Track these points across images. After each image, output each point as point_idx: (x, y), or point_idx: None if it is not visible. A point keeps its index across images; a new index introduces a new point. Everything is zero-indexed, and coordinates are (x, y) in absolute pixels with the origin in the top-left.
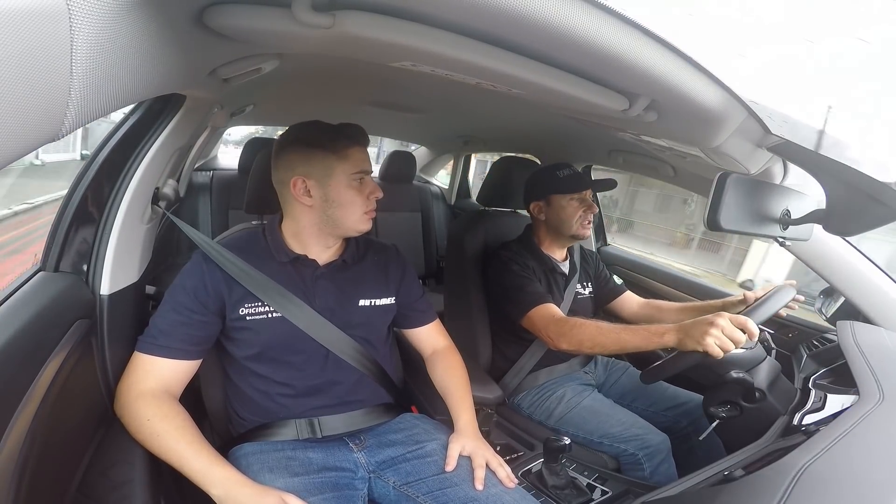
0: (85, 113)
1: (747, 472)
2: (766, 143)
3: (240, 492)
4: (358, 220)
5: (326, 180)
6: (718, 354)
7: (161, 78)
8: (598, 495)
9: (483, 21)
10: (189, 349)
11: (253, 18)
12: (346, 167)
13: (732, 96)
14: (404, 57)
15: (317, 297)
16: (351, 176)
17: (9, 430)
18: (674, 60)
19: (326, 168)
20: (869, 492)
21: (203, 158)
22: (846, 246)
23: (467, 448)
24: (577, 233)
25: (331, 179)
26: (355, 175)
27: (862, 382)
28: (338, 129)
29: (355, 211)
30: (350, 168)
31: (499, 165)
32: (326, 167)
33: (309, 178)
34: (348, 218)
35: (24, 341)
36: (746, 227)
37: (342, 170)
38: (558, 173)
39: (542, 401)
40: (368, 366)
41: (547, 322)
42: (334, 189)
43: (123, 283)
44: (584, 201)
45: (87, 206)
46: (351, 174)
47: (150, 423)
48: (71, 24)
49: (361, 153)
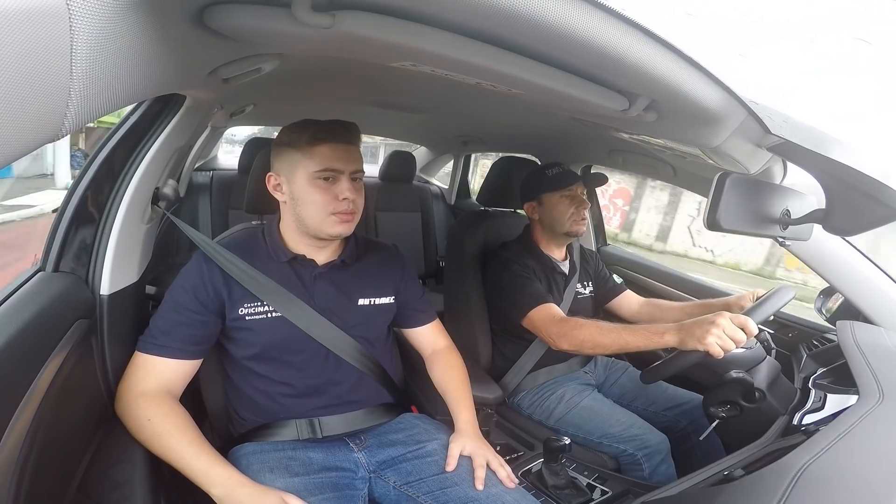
0: (85, 113)
1: (747, 472)
2: (766, 143)
3: (240, 492)
4: (322, 221)
5: (291, 176)
6: (719, 354)
7: (161, 78)
8: (598, 495)
9: (483, 21)
10: (189, 349)
11: (253, 18)
12: (309, 164)
13: (732, 96)
14: (404, 57)
15: (316, 297)
16: (314, 173)
17: (9, 430)
18: (674, 60)
19: (291, 164)
20: (869, 492)
21: (203, 158)
22: (846, 246)
23: (467, 448)
24: (571, 230)
25: (295, 176)
26: (320, 173)
27: (862, 382)
28: (307, 124)
29: (318, 210)
30: (314, 165)
31: (499, 165)
32: (291, 163)
33: (279, 174)
34: (312, 218)
35: (24, 341)
36: (746, 227)
37: (305, 166)
38: (547, 172)
39: (541, 401)
40: (369, 365)
41: (548, 322)
42: (297, 186)
43: (123, 283)
44: (574, 198)
45: (87, 206)
46: (314, 171)
47: (151, 423)
48: (71, 24)
49: (333, 151)
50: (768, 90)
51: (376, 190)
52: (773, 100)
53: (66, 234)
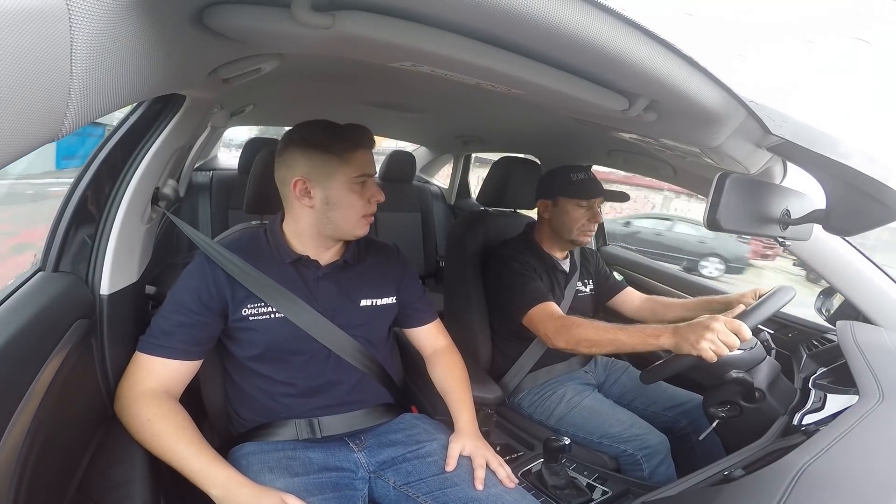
0: (85, 113)
1: (747, 472)
2: (766, 143)
3: (239, 492)
4: (355, 224)
5: (327, 182)
6: (712, 359)
7: (161, 78)
8: (598, 495)
9: (483, 21)
10: (190, 349)
11: (253, 18)
12: (349, 170)
13: (732, 96)
14: (404, 57)
15: (319, 298)
16: (353, 179)
17: (9, 430)
18: (673, 60)
19: (328, 170)
20: (869, 492)
21: (203, 158)
22: (846, 246)
23: (467, 448)
24: (576, 238)
25: (332, 182)
26: (357, 178)
27: (862, 382)
28: (342, 130)
29: (354, 214)
30: (352, 171)
31: (499, 165)
32: (328, 169)
33: (310, 179)
34: (346, 221)
35: (24, 341)
36: (746, 227)
37: (344, 172)
38: (571, 176)
39: (541, 400)
40: (370, 365)
41: (545, 320)
42: (335, 191)
43: (123, 283)
44: (590, 209)
45: (87, 205)
46: (353, 177)
47: (150, 424)
48: (71, 25)
49: (365, 156)
50: (768, 90)
51: None
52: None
53: (65, 234)
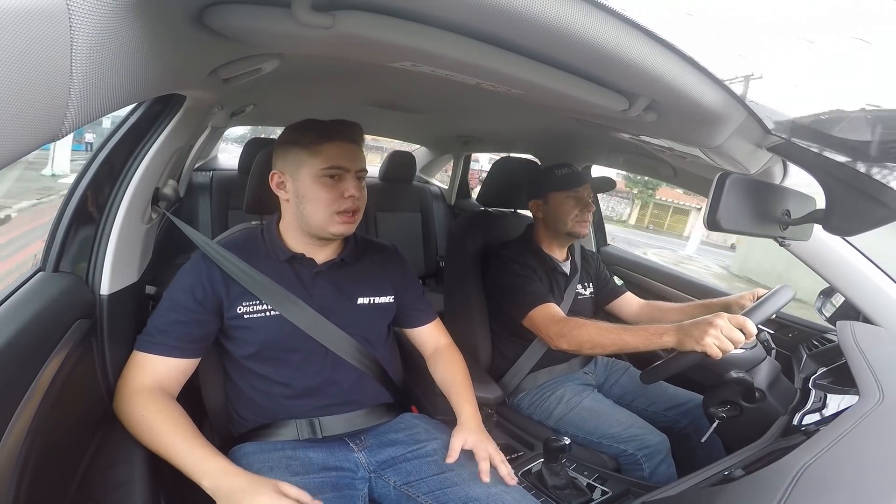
0: (85, 113)
1: (747, 472)
2: (766, 143)
3: (231, 482)
4: (327, 220)
5: (297, 174)
6: (717, 355)
7: (161, 78)
8: (598, 495)
9: (483, 21)
10: (184, 347)
11: (253, 18)
12: (316, 162)
13: (732, 96)
14: (404, 57)
15: (315, 296)
16: (321, 171)
17: (9, 430)
18: (673, 60)
19: (297, 162)
20: (869, 492)
21: (203, 158)
22: (846, 246)
23: (469, 442)
24: (573, 230)
25: (300, 174)
26: (326, 170)
27: (862, 382)
28: (316, 124)
29: (323, 209)
30: (320, 163)
31: (499, 165)
32: (297, 161)
33: (283, 172)
34: (315, 216)
35: (24, 341)
36: (746, 228)
37: (311, 164)
38: (556, 171)
39: (541, 401)
40: (368, 365)
41: (548, 321)
42: (303, 183)
43: (123, 283)
44: (580, 199)
45: (87, 206)
46: (321, 168)
47: (145, 419)
48: (71, 24)
49: (337, 148)
50: (768, 90)
51: (376, 190)
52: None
53: (66, 234)
